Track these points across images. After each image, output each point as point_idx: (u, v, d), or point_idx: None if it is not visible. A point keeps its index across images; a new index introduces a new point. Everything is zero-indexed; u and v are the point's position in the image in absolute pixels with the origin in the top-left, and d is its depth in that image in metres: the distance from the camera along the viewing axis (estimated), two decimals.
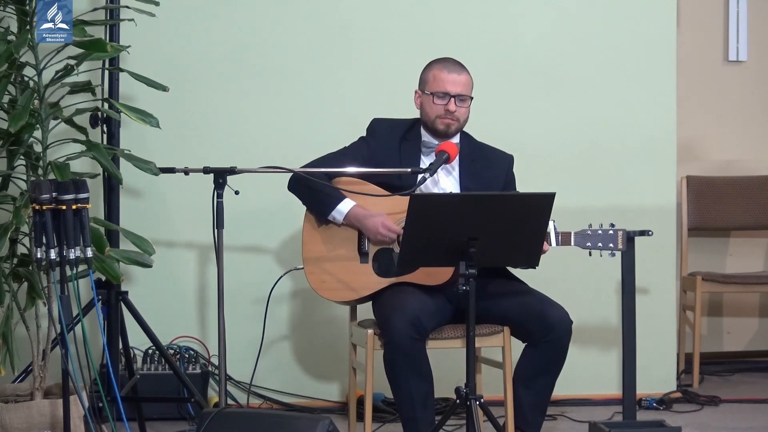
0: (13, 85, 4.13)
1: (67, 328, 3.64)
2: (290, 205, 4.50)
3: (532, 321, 4.15)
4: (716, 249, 6.20)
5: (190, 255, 5.12)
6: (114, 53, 4.30)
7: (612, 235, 4.22)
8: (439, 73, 4.30)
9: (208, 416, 3.74)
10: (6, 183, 4.22)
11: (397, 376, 4.05)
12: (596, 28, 5.35)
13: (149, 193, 5.06)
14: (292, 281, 5.08)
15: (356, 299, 4.34)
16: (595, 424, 4.36)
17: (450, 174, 4.37)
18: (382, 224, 4.20)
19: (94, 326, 4.88)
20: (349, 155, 4.34)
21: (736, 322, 6.25)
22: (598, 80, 5.35)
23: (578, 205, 5.09)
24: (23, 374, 4.36)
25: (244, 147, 5.07)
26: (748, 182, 6.03)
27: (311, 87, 5.19)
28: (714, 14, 6.22)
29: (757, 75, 6.28)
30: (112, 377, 3.90)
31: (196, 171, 4.28)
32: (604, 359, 5.32)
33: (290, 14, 5.18)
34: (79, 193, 3.68)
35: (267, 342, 4.90)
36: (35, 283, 4.08)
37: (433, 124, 4.31)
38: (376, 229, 4.20)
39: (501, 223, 3.78)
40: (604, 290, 5.24)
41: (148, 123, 4.25)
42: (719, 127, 6.25)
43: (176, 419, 4.90)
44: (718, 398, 5.30)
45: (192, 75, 5.10)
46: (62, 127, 4.28)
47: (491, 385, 4.47)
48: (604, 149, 5.34)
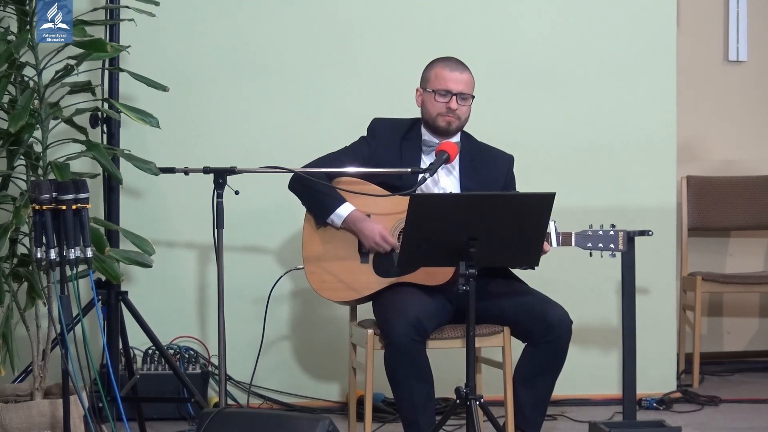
0: (13, 85, 4.12)
1: (67, 328, 3.63)
2: (290, 205, 4.50)
3: (532, 321, 4.15)
4: (716, 249, 6.20)
5: (190, 255, 5.11)
6: (114, 53, 4.29)
7: (612, 236, 4.22)
8: (441, 71, 4.30)
9: (208, 416, 3.74)
10: (6, 183, 4.22)
11: (397, 378, 4.05)
12: (596, 28, 5.34)
13: (149, 193, 5.05)
14: (292, 281, 5.07)
15: (356, 299, 4.34)
16: (595, 424, 4.35)
17: (450, 174, 4.36)
18: (380, 234, 4.19)
19: (94, 326, 4.88)
20: (349, 155, 4.34)
21: (736, 322, 6.24)
22: (598, 80, 5.34)
23: (578, 205, 5.09)
24: (23, 374, 4.36)
25: (244, 147, 5.06)
26: (748, 182, 6.03)
27: (311, 87, 5.19)
28: (714, 14, 6.22)
29: (757, 75, 6.28)
30: (112, 377, 3.89)
31: (196, 171, 4.28)
32: (604, 359, 5.32)
33: (290, 14, 5.18)
34: (79, 193, 3.68)
35: (267, 342, 4.89)
36: (35, 283, 4.08)
37: (434, 121, 4.31)
38: (372, 238, 4.20)
39: (501, 223, 3.78)
40: (604, 290, 5.24)
41: (148, 123, 4.25)
42: (719, 127, 6.24)
43: (176, 419, 4.90)
44: (718, 398, 5.30)
45: (192, 75, 5.10)
46: (62, 127, 4.28)
47: (491, 385, 4.47)
48: (604, 149, 5.34)
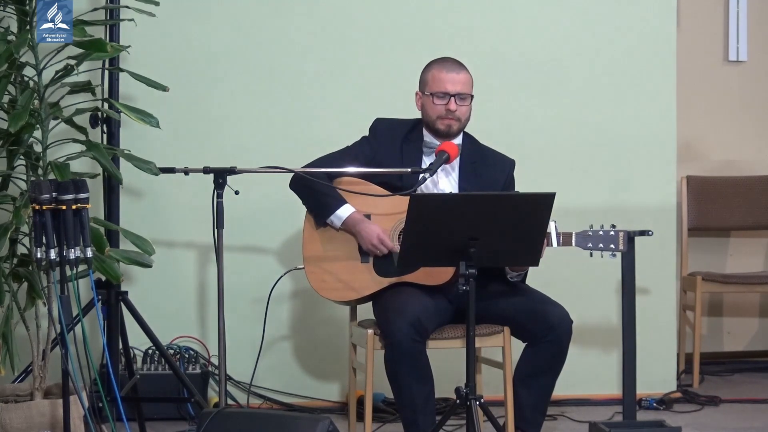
0: (13, 85, 4.12)
1: (67, 328, 3.63)
2: (290, 205, 4.50)
3: (532, 321, 4.15)
4: (716, 249, 6.19)
5: (190, 255, 5.11)
6: (114, 53, 4.29)
7: (613, 236, 4.22)
8: (438, 74, 4.30)
9: (208, 416, 3.74)
10: (6, 183, 4.22)
11: (398, 378, 4.05)
12: (596, 28, 5.34)
13: (149, 193, 5.05)
14: (292, 281, 5.07)
15: (357, 299, 4.34)
16: (595, 424, 4.35)
17: (449, 175, 4.36)
18: (378, 237, 4.19)
19: (94, 326, 4.88)
20: (351, 155, 4.34)
21: (736, 322, 6.24)
22: (598, 80, 5.34)
23: (578, 205, 5.09)
24: (23, 374, 4.36)
25: (244, 147, 5.06)
26: (748, 182, 6.03)
27: (312, 86, 5.19)
28: (714, 14, 6.21)
29: (757, 75, 6.28)
30: (112, 377, 3.89)
31: (196, 171, 4.28)
32: (604, 359, 5.32)
33: (290, 14, 5.18)
34: (79, 193, 3.68)
35: (267, 342, 4.89)
36: (35, 283, 4.08)
37: (435, 124, 4.31)
38: (370, 240, 4.20)
39: (501, 223, 3.78)
40: (604, 290, 5.24)
41: (148, 123, 4.25)
42: (719, 127, 6.24)
43: (176, 419, 4.90)
44: (718, 398, 5.30)
45: (192, 75, 5.09)
46: (62, 127, 4.28)
47: (491, 385, 4.47)
48: (604, 149, 5.34)
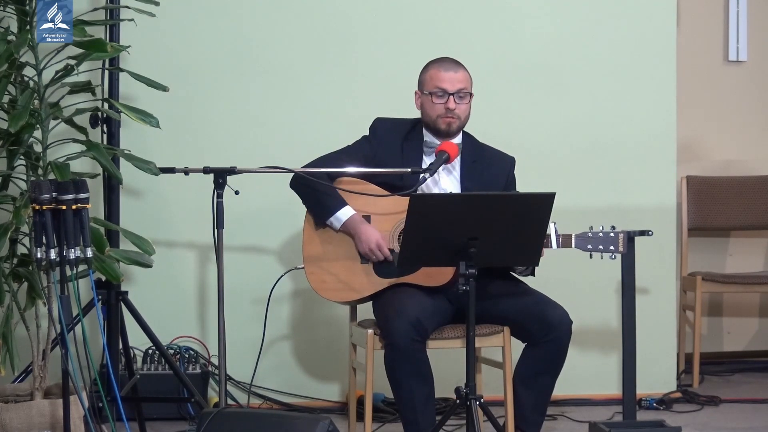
0: (13, 85, 4.12)
1: (67, 328, 3.63)
2: (290, 205, 4.50)
3: (532, 321, 4.15)
4: (716, 249, 6.19)
5: (190, 255, 5.11)
6: (114, 53, 4.30)
7: (613, 238, 4.22)
8: (436, 73, 4.30)
9: (208, 416, 3.74)
10: (6, 183, 4.22)
11: (397, 379, 4.05)
12: (596, 28, 5.34)
13: (149, 193, 5.05)
14: (292, 281, 5.07)
15: (357, 299, 4.34)
16: (595, 424, 4.35)
17: (450, 174, 4.36)
18: (376, 242, 4.19)
19: (94, 326, 4.88)
20: (351, 154, 4.34)
21: (736, 322, 6.24)
22: (598, 80, 5.34)
23: (578, 205, 5.09)
24: (23, 374, 4.36)
25: (244, 147, 5.06)
26: (748, 182, 6.03)
27: (312, 86, 5.18)
28: (714, 14, 6.22)
29: (757, 75, 6.28)
30: (112, 377, 3.90)
31: (196, 171, 4.29)
32: (604, 359, 5.32)
33: (291, 13, 5.18)
34: (79, 193, 3.68)
35: (267, 342, 4.89)
36: (35, 283, 4.08)
37: (435, 123, 4.31)
38: (368, 244, 4.19)
39: (501, 223, 3.78)
40: (604, 290, 5.23)
41: (148, 123, 4.25)
42: (719, 127, 6.25)
43: (176, 419, 4.90)
44: (718, 398, 5.30)
45: (192, 75, 5.09)
46: (62, 127, 4.28)
47: (491, 385, 4.47)
48: (604, 149, 5.34)
